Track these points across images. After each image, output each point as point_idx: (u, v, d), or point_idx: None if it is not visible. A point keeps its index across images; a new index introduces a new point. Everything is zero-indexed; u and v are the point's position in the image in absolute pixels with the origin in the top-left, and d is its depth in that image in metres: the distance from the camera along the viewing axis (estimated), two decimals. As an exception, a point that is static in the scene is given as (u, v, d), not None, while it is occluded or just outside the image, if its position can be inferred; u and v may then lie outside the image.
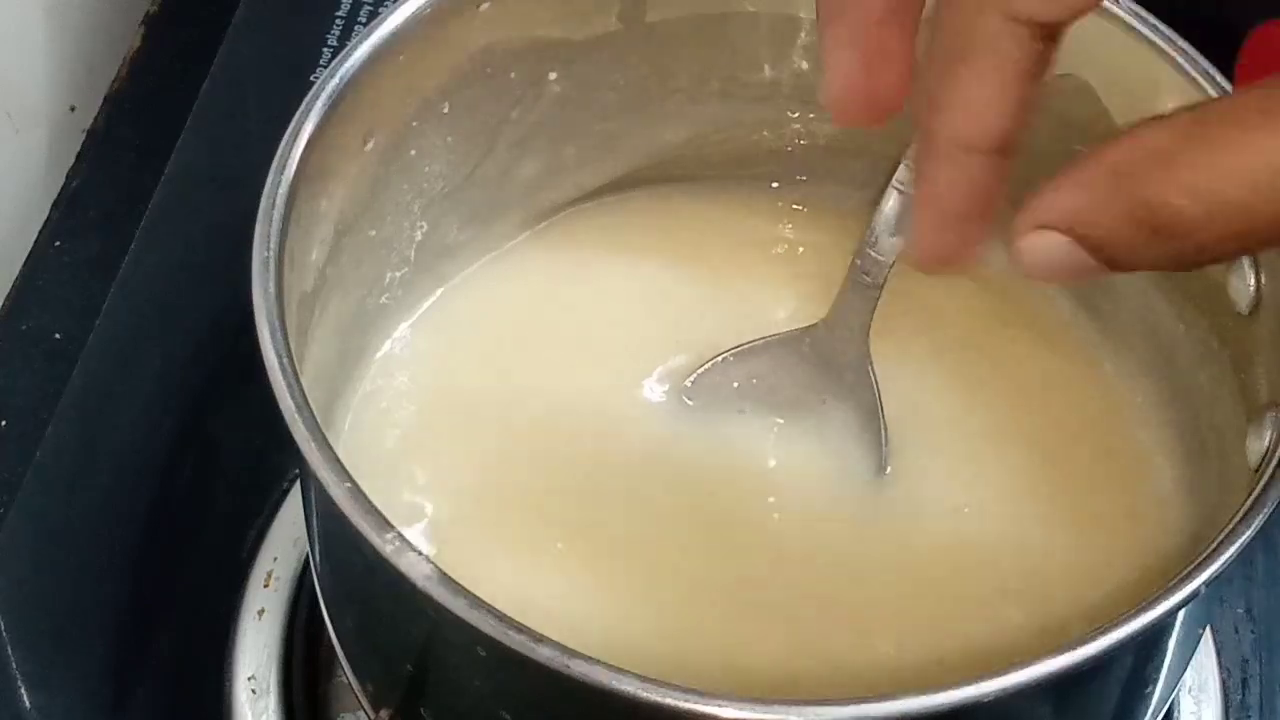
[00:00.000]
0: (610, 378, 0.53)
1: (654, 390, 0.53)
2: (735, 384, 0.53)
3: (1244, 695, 0.57)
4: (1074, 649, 0.38)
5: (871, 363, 0.52)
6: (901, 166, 0.51)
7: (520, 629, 0.37)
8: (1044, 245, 0.34)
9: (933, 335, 0.55)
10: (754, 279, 0.56)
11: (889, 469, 0.51)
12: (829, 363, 0.52)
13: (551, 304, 0.55)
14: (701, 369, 0.53)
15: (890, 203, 0.50)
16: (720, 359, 0.53)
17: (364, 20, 0.74)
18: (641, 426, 0.51)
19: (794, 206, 0.58)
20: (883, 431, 0.51)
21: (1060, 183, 0.34)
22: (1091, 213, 0.33)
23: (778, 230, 0.58)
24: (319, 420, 0.40)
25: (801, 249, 0.57)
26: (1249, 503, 0.41)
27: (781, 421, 0.52)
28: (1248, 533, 0.40)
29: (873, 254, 0.51)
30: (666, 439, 0.51)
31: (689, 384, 0.53)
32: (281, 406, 0.40)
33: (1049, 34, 0.34)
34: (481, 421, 0.52)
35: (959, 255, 0.37)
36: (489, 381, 0.53)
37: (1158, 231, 0.32)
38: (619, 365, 0.53)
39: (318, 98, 0.46)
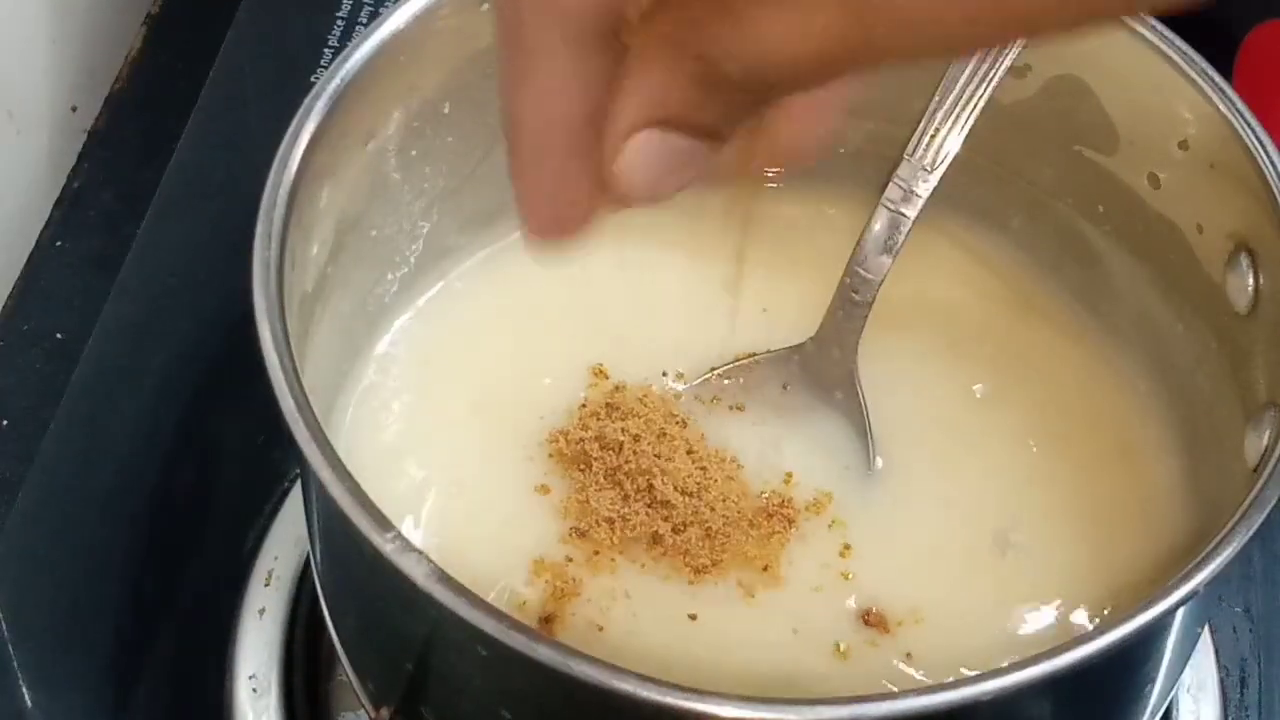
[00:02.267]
0: (609, 374, 0.53)
1: (652, 387, 0.53)
2: (730, 392, 0.53)
3: (1242, 694, 0.57)
4: (1073, 648, 0.38)
5: (859, 381, 0.52)
6: (891, 184, 0.51)
7: (520, 628, 0.37)
8: (641, 149, 0.33)
9: (938, 328, 0.55)
10: (751, 273, 0.56)
11: (879, 462, 0.52)
12: (818, 380, 0.53)
13: (550, 299, 0.55)
14: (696, 381, 0.53)
15: (880, 221, 0.51)
16: (712, 375, 0.53)
17: (365, 21, 0.74)
18: (639, 422, 0.51)
19: (789, 201, 0.58)
20: (870, 445, 0.52)
21: (626, 84, 0.32)
22: (665, 89, 0.32)
23: (777, 227, 0.58)
24: (319, 417, 0.40)
25: (800, 246, 0.57)
26: (1247, 503, 0.41)
27: (775, 424, 0.53)
28: (1246, 533, 0.41)
29: (862, 272, 0.51)
30: (663, 435, 0.51)
31: (687, 390, 0.53)
32: (282, 406, 0.40)
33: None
34: (480, 415, 0.52)
35: (566, 227, 0.36)
36: (487, 376, 0.53)
37: (722, 85, 0.31)
38: (618, 361, 0.53)
39: (319, 98, 0.46)
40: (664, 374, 0.53)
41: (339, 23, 0.74)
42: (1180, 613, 0.41)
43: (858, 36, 0.29)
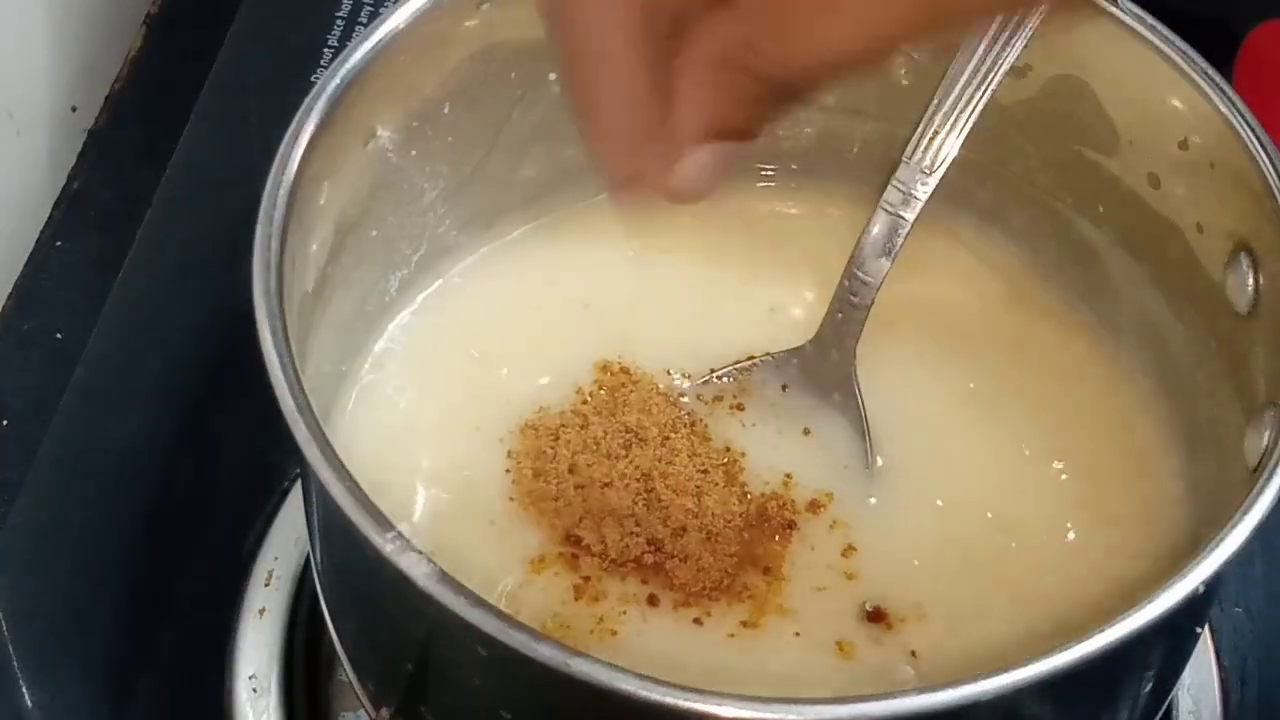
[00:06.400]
0: (610, 373, 0.53)
1: (658, 385, 0.53)
2: (730, 393, 0.53)
3: (1242, 694, 0.57)
4: (1073, 647, 0.38)
5: (858, 382, 0.52)
6: (890, 187, 0.51)
7: (520, 628, 0.37)
8: (696, 161, 0.37)
9: (938, 328, 0.55)
10: (752, 272, 0.56)
11: (878, 462, 0.52)
12: (817, 382, 0.53)
13: (550, 298, 0.55)
14: (697, 382, 0.53)
15: (878, 224, 0.51)
16: (712, 376, 0.53)
17: (365, 21, 0.74)
18: (638, 419, 0.51)
19: (791, 200, 0.58)
20: (868, 448, 0.52)
21: (682, 106, 0.36)
22: (718, 106, 0.36)
23: (774, 224, 0.58)
24: (319, 417, 0.40)
25: (797, 242, 0.57)
26: (1247, 503, 0.41)
27: (774, 425, 0.53)
28: (1246, 533, 0.41)
29: (860, 275, 0.51)
30: (661, 432, 0.51)
31: (689, 389, 0.53)
32: (282, 407, 0.40)
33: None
34: (480, 414, 0.52)
35: (643, 183, 0.39)
36: (488, 374, 0.53)
37: (772, 95, 0.36)
38: (618, 360, 0.53)
39: (319, 98, 0.46)
40: (668, 372, 0.53)
41: (339, 23, 0.74)
42: (1180, 613, 0.41)
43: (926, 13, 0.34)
